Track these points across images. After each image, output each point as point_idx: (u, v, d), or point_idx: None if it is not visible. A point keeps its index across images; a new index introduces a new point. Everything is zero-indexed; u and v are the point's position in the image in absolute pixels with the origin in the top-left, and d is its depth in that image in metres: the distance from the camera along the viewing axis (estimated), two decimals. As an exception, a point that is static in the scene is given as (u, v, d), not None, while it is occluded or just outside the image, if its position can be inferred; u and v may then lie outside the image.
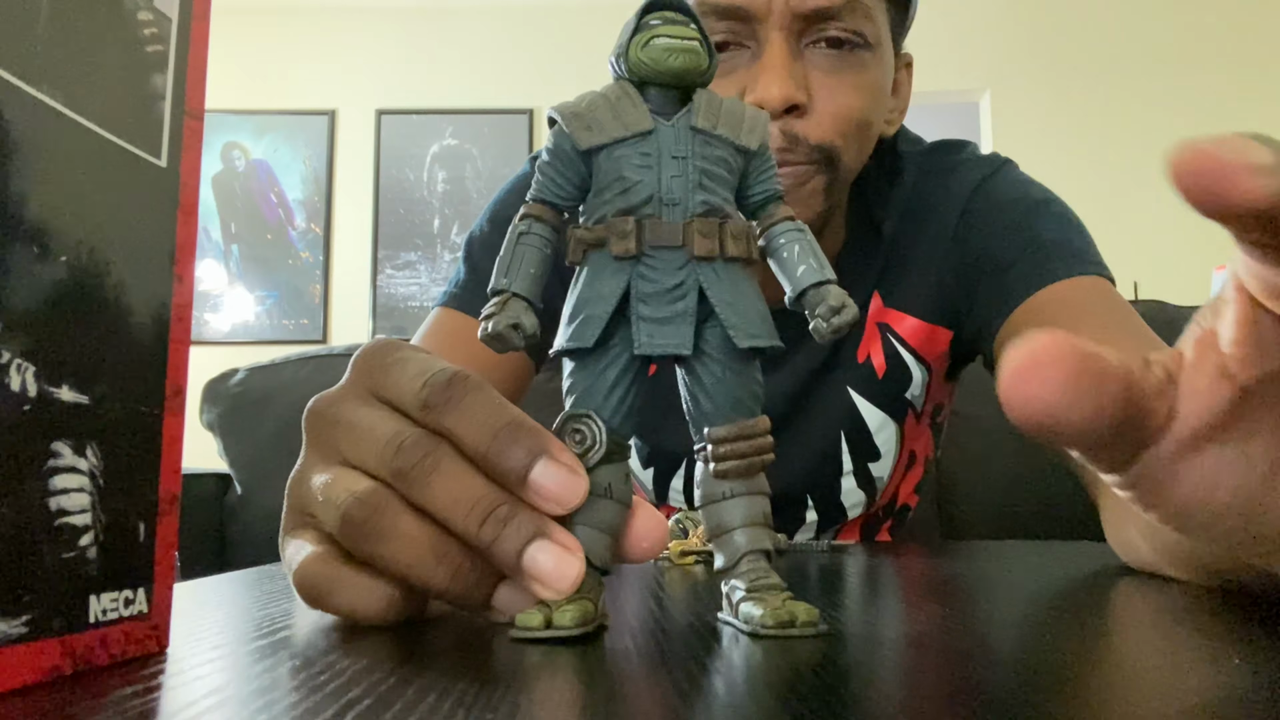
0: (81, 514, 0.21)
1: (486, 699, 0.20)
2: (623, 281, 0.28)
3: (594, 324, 0.28)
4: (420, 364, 0.30)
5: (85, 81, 0.22)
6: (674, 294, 0.28)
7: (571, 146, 0.29)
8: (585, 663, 0.24)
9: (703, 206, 0.29)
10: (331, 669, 0.23)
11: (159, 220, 0.24)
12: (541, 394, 0.95)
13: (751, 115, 0.30)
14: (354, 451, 0.30)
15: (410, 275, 3.98)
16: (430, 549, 0.28)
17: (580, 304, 0.29)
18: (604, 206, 0.29)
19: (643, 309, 0.28)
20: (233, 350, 3.75)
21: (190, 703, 0.20)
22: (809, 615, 0.27)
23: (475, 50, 4.03)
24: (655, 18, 0.29)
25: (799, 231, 0.30)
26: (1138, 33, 3.84)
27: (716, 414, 0.29)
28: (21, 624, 0.20)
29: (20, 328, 0.20)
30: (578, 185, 0.29)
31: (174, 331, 0.25)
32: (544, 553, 0.26)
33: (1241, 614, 0.33)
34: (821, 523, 0.81)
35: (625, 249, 0.28)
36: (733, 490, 0.29)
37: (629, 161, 0.28)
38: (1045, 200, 0.73)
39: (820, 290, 0.29)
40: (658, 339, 0.28)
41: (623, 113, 0.29)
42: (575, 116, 0.29)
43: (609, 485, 0.29)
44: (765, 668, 0.24)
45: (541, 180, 0.30)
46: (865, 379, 0.75)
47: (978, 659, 0.25)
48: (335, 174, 4.03)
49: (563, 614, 0.26)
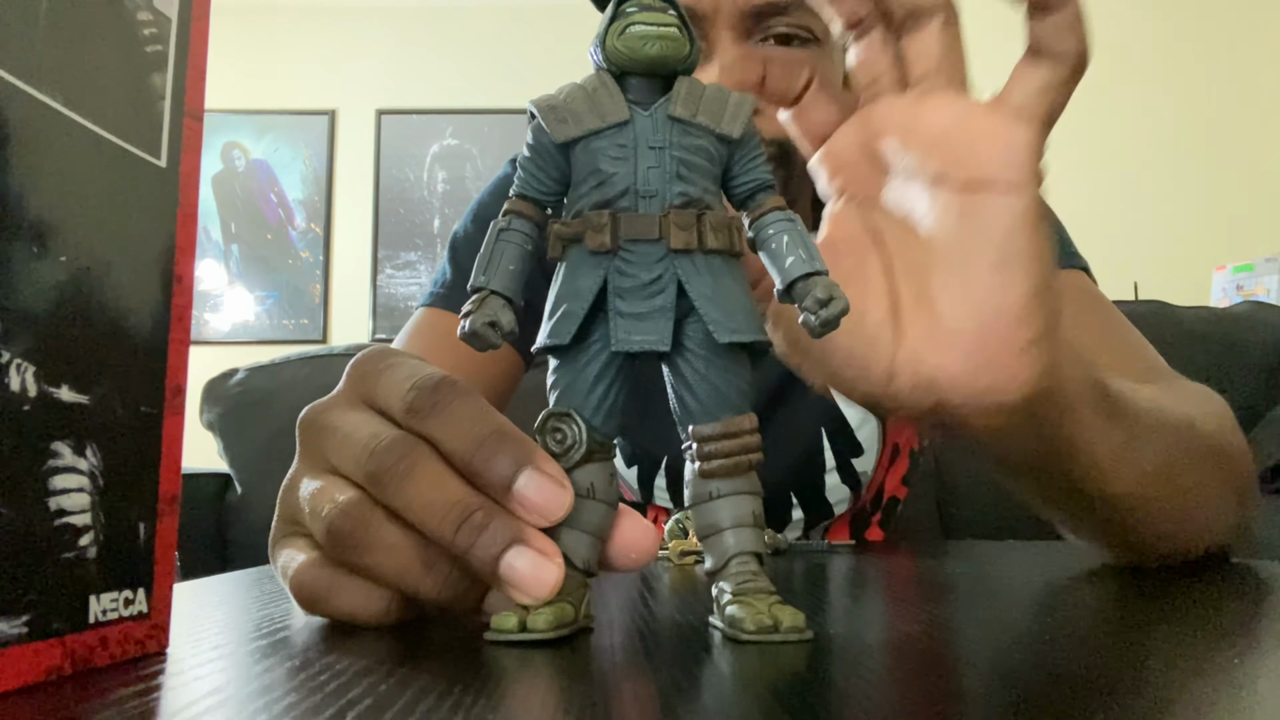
0: (81, 514, 0.21)
1: (486, 699, 0.20)
2: (599, 276, 0.28)
3: (571, 320, 0.28)
4: (409, 369, 0.30)
5: (85, 81, 0.22)
6: (651, 289, 0.28)
7: (549, 140, 0.28)
8: (576, 665, 0.24)
9: (681, 198, 0.28)
10: (331, 669, 0.23)
11: (159, 220, 0.24)
12: (537, 393, 0.94)
13: (735, 101, 0.29)
14: (337, 456, 0.30)
15: (410, 275, 3.98)
16: (417, 557, 0.28)
17: (558, 300, 0.28)
18: (581, 200, 0.28)
19: (620, 304, 0.28)
20: (233, 350, 3.75)
21: (190, 703, 0.20)
22: (794, 620, 0.27)
23: (475, 50, 4.03)
24: (632, 5, 0.28)
25: (789, 221, 0.29)
26: (1137, 32, 3.84)
27: (702, 412, 0.29)
28: (21, 624, 0.20)
29: (20, 328, 0.20)
30: (558, 179, 0.29)
31: (174, 331, 0.25)
32: (521, 559, 0.26)
33: (1244, 614, 0.33)
34: (808, 520, 0.81)
35: (600, 243, 0.27)
36: (720, 490, 0.29)
37: (605, 153, 0.28)
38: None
39: (809, 282, 0.28)
40: (635, 335, 0.28)
41: (599, 103, 0.28)
42: (551, 109, 0.28)
43: (591, 485, 0.28)
44: (748, 674, 0.24)
45: (522, 176, 0.29)
46: None
47: (965, 664, 0.25)
48: (335, 174, 4.03)
49: (538, 617, 0.26)
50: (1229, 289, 2.54)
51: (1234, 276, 2.54)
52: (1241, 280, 2.51)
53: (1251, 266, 2.50)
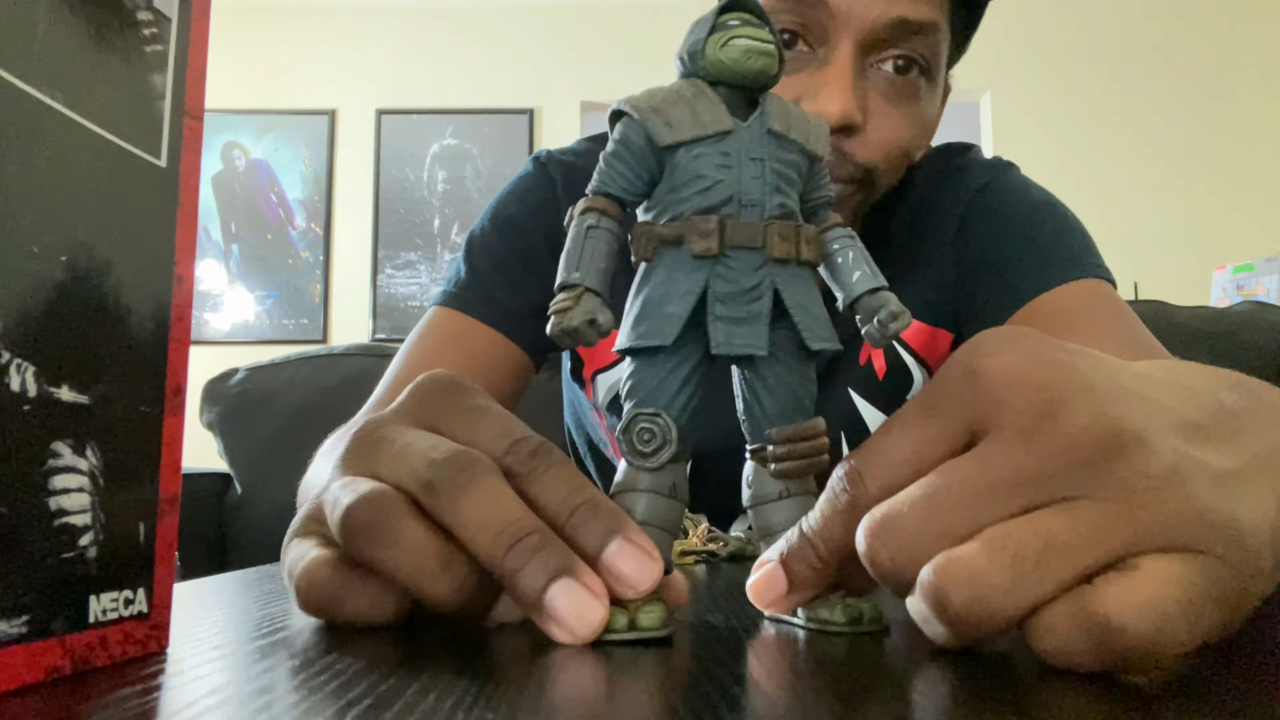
0: (81, 514, 0.21)
1: (486, 699, 0.20)
2: (701, 280, 0.28)
3: (674, 321, 0.28)
4: (501, 424, 0.29)
5: (85, 81, 0.22)
6: (751, 294, 0.28)
7: (646, 140, 0.29)
8: (583, 663, 0.24)
9: (779, 209, 0.29)
10: (331, 669, 0.23)
11: (159, 220, 0.24)
12: (542, 393, 0.94)
13: (816, 123, 0.31)
14: (389, 466, 0.29)
15: (410, 275, 3.98)
16: (436, 558, 0.27)
17: (656, 301, 0.28)
18: (681, 204, 0.29)
19: (720, 309, 0.28)
20: (233, 350, 3.75)
21: (190, 703, 0.20)
22: (873, 612, 0.28)
23: (475, 50, 4.03)
24: (733, 18, 0.29)
25: (850, 239, 0.31)
26: (1138, 33, 3.84)
27: (779, 415, 0.30)
28: (21, 624, 0.20)
29: (20, 328, 0.20)
30: (647, 181, 0.29)
31: (174, 331, 0.25)
32: (567, 593, 0.25)
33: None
34: None
35: (706, 248, 0.28)
36: (789, 490, 0.30)
37: (709, 160, 0.28)
38: (1045, 203, 0.74)
39: (877, 296, 0.30)
40: (735, 339, 0.28)
41: (701, 111, 0.29)
42: (654, 111, 0.29)
43: (674, 485, 0.29)
44: (816, 668, 0.24)
45: (608, 173, 0.29)
46: (866, 381, 0.75)
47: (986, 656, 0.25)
48: (335, 174, 4.03)
49: (648, 615, 0.26)
50: (1229, 289, 2.54)
51: (1234, 276, 2.54)
52: (1241, 280, 2.51)
53: (1251, 266, 2.50)
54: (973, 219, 0.74)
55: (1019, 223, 0.72)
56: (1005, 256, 0.70)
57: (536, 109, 3.97)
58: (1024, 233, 0.71)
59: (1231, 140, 3.71)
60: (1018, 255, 0.70)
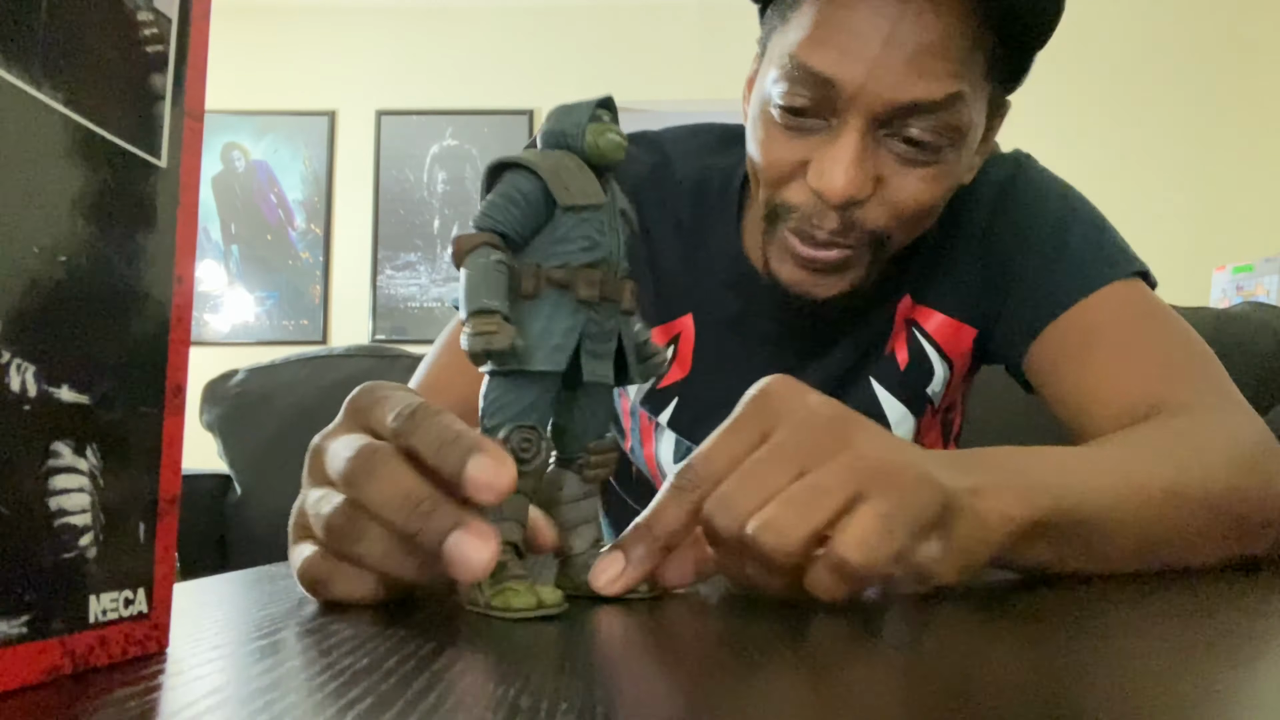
0: (81, 514, 0.21)
1: (486, 699, 0.20)
2: (580, 321, 0.34)
3: (563, 353, 0.34)
4: (397, 404, 0.34)
5: (85, 81, 0.22)
6: (608, 336, 0.35)
7: (544, 195, 0.34)
8: (585, 662, 0.24)
9: (626, 270, 0.36)
10: (331, 669, 0.23)
11: (159, 220, 0.24)
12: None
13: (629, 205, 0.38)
14: (331, 470, 0.34)
15: (410, 276, 3.98)
16: (398, 545, 0.32)
17: (547, 334, 0.34)
18: (566, 255, 0.34)
19: (589, 345, 0.35)
20: (233, 350, 3.75)
21: (190, 703, 0.20)
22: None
23: (475, 50, 4.03)
24: (606, 114, 0.35)
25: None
26: (1138, 33, 3.84)
27: (588, 433, 0.37)
28: (21, 624, 0.20)
29: (20, 328, 0.20)
30: (533, 229, 0.34)
31: (174, 331, 0.25)
32: (458, 542, 0.30)
33: (1247, 613, 0.33)
34: None
35: (590, 295, 0.34)
36: (592, 491, 0.37)
37: (593, 225, 0.34)
38: (1069, 200, 0.73)
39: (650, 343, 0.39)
40: (598, 371, 0.35)
41: (586, 183, 0.35)
42: (554, 174, 0.34)
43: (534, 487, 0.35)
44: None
45: (505, 215, 0.34)
46: (888, 372, 0.75)
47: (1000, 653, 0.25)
48: (335, 174, 4.03)
49: (551, 594, 0.32)
50: (1229, 289, 2.54)
51: (1234, 277, 2.55)
52: (1241, 280, 2.52)
53: (1251, 267, 2.50)
54: (999, 216, 0.73)
55: (1048, 228, 0.71)
56: (1035, 265, 0.70)
57: (536, 109, 3.97)
58: (1053, 239, 0.70)
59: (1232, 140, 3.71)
60: (1048, 265, 0.70)
